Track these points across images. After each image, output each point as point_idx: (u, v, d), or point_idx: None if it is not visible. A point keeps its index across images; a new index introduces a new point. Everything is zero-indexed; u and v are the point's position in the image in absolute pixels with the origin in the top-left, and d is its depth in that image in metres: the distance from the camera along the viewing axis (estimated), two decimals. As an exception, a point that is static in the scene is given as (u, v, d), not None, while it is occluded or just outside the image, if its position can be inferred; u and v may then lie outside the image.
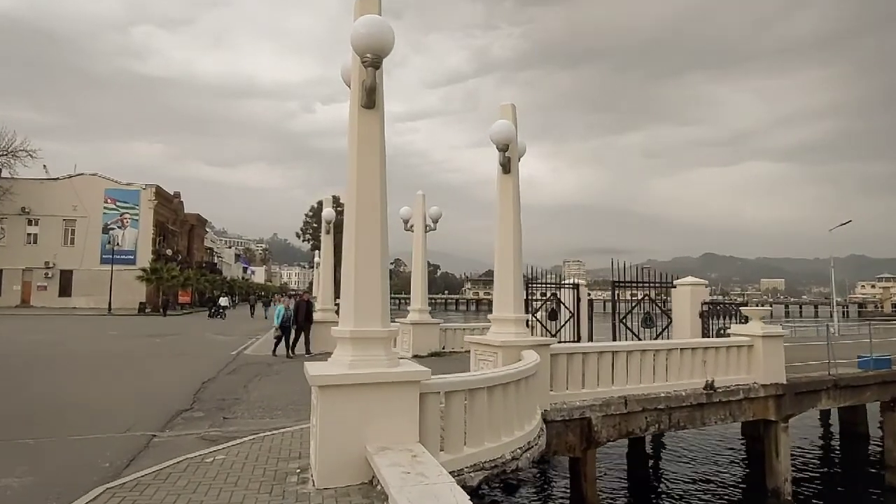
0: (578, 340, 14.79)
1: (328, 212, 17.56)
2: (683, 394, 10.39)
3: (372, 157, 5.33)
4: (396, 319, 18.81)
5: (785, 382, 11.49)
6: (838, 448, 15.61)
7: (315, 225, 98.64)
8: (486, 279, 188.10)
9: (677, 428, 10.59)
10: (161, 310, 47.49)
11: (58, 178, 53.46)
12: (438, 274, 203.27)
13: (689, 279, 13.54)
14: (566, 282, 15.79)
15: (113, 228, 52.60)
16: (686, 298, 13.18)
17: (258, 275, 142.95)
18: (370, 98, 5.28)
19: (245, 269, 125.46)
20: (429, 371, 5.09)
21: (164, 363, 15.09)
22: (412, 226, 17.00)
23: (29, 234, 51.59)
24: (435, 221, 16.80)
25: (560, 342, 11.80)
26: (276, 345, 16.92)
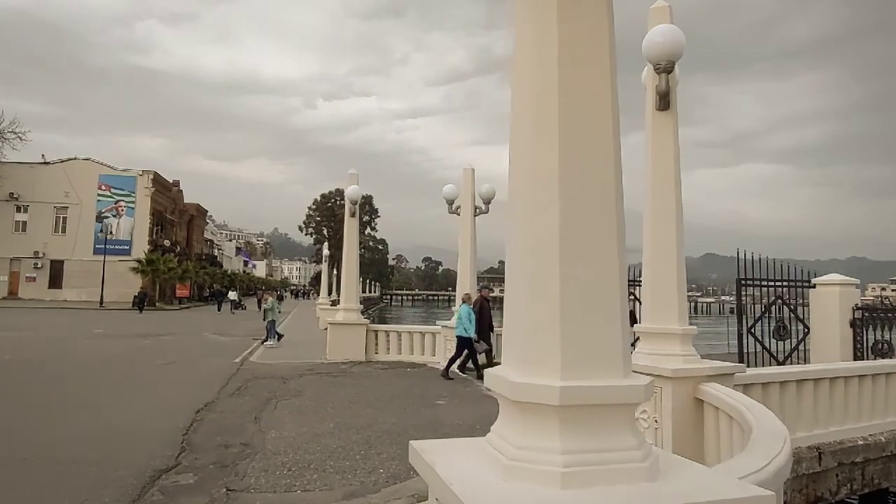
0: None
1: (353, 189, 14.23)
2: (883, 440, 7.32)
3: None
4: (438, 322, 15.70)
5: None
6: None
7: (318, 218, 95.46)
8: (490, 276, 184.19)
9: (870, 487, 7.50)
10: (138, 306, 38.41)
11: (49, 163, 50.16)
12: (440, 271, 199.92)
13: (836, 277, 10.41)
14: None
15: (107, 217, 49.29)
16: (832, 302, 10.07)
17: (259, 269, 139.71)
18: None
19: (246, 263, 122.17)
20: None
21: (148, 376, 11.91)
22: (458, 208, 13.82)
23: (17, 222, 48.31)
24: (487, 203, 13.58)
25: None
26: (469, 361, 12.09)
